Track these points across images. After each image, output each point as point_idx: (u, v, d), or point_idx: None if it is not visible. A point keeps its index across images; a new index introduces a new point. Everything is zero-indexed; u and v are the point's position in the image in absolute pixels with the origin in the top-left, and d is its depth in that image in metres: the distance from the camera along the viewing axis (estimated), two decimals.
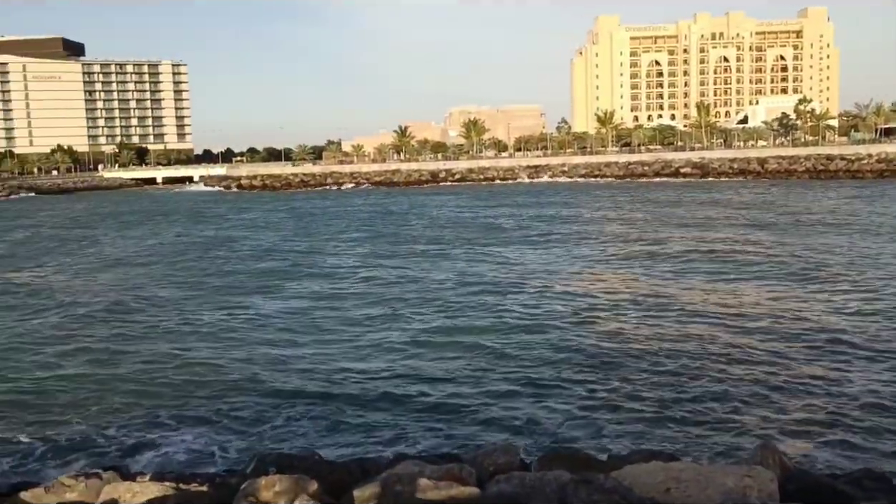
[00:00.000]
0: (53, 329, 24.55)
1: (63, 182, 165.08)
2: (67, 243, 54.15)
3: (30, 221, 78.15)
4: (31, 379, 18.64)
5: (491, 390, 16.61)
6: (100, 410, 16.08)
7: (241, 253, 44.91)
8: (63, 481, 7.85)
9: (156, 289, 32.41)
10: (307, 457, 9.38)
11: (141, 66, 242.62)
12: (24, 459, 13.40)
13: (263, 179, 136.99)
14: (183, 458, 13.14)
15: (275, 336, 22.83)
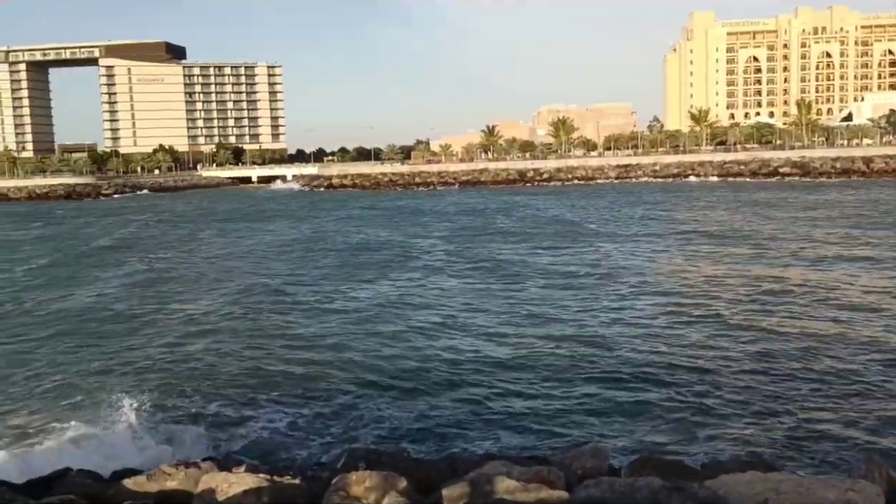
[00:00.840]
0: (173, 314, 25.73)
1: (164, 181, 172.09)
2: (185, 238, 56.53)
3: (139, 217, 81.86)
4: (141, 363, 19.46)
5: (578, 389, 16.40)
6: (201, 397, 16.66)
7: (339, 247, 45.84)
8: (164, 469, 8.15)
9: (269, 279, 33.45)
10: (396, 453, 9.47)
11: (238, 69, 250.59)
12: (128, 445, 13.96)
13: (353, 179, 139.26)
14: (276, 449, 13.46)
15: (368, 326, 23.27)
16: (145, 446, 13.88)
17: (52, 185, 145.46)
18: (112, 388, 17.49)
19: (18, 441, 14.02)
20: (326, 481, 7.98)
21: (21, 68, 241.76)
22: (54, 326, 25.10)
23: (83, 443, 13.96)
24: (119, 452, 13.62)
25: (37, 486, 9.49)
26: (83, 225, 74.81)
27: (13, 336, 23.90)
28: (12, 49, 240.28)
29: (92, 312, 27.48)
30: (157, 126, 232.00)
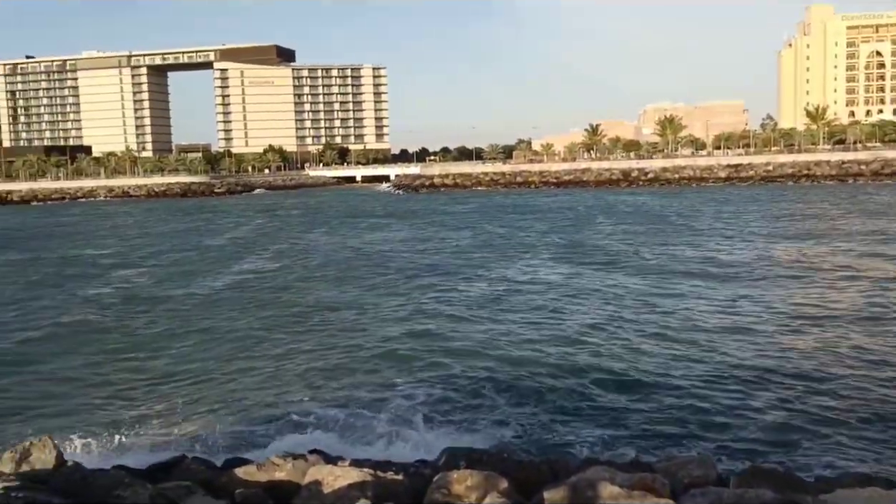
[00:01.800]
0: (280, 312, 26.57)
1: (273, 180, 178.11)
2: (301, 235, 58.41)
3: (285, 211, 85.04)
4: (250, 355, 20.21)
5: (682, 392, 15.96)
6: (305, 388, 17.14)
7: (443, 245, 46.25)
8: (273, 461, 8.42)
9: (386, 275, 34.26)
10: (496, 453, 9.47)
11: (344, 70, 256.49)
12: (239, 435, 14.50)
13: (454, 178, 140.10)
14: (378, 445, 13.68)
15: (469, 324, 23.40)
16: (255, 436, 14.37)
17: (170, 184, 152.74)
18: (222, 377, 18.22)
19: (142, 427, 14.77)
20: (428, 479, 8.08)
21: (142, 72, 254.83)
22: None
23: (198, 432, 14.59)
24: (229, 442, 14.18)
25: (155, 472, 9.98)
26: (231, 221, 78.31)
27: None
28: (134, 54, 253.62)
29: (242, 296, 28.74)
30: (268, 127, 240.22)
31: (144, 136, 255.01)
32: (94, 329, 24.84)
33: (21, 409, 16.33)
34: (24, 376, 19.18)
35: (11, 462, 9.04)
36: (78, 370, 19.70)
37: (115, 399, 16.96)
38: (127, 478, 8.66)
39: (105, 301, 30.54)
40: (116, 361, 20.47)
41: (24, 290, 34.48)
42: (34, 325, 25.68)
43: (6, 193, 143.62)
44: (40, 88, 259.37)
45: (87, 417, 15.59)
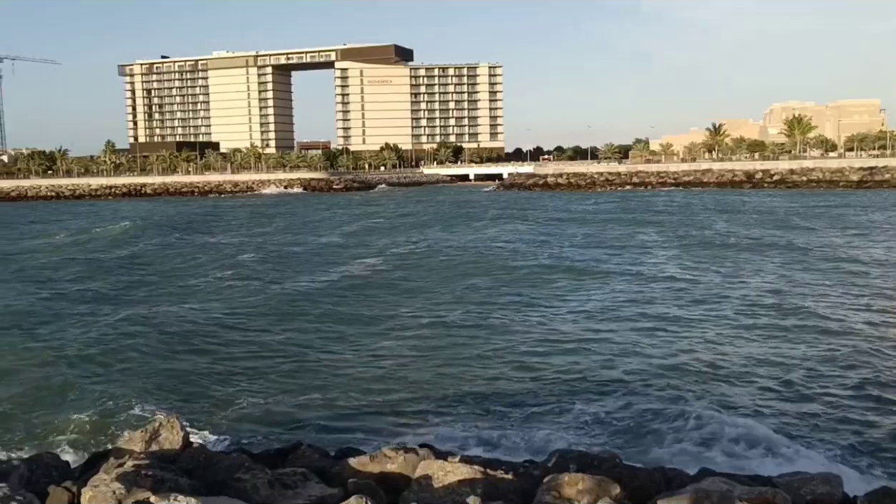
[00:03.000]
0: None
1: (389, 177, 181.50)
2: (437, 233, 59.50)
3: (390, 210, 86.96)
4: (375, 351, 20.67)
5: (807, 404, 15.21)
6: (416, 383, 17.37)
7: (564, 244, 45.92)
8: (385, 452, 8.56)
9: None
10: (608, 458, 9.30)
11: (461, 69, 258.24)
12: (353, 424, 14.85)
13: (568, 178, 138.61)
14: (487, 442, 13.71)
15: (583, 324, 23.16)
16: (368, 426, 14.67)
17: (291, 180, 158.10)
18: (343, 366, 18.71)
19: (260, 412, 15.35)
20: (538, 480, 8.02)
21: (267, 72, 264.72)
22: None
23: (313, 419, 15.04)
24: (343, 431, 14.54)
25: (273, 458, 10.35)
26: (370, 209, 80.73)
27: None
28: (260, 54, 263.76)
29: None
30: (385, 125, 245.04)
31: (268, 133, 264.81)
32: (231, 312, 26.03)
33: (153, 389, 17.26)
34: (160, 360, 20.29)
35: (142, 441, 9.57)
36: (210, 354, 20.67)
37: (236, 383, 17.68)
38: (247, 462, 9.02)
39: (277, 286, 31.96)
40: (247, 346, 21.36)
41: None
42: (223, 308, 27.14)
43: (141, 186, 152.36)
44: (174, 87, 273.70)
45: (210, 399, 16.32)
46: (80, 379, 18.34)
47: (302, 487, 7.93)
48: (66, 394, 17.15)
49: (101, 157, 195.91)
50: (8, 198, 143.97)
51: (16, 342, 22.42)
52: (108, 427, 14.50)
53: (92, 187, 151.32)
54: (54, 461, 9.66)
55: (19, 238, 61.82)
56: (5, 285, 34.73)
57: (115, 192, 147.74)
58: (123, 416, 15.11)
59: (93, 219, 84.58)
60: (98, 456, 10.03)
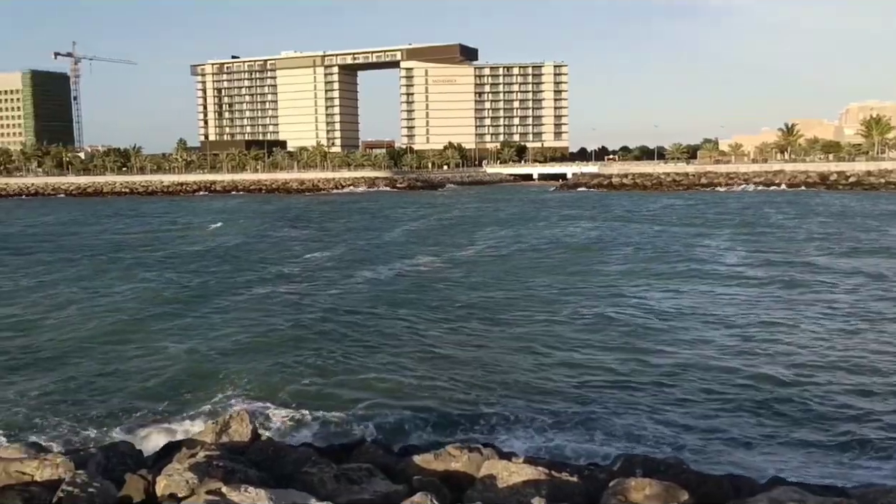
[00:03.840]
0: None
1: (452, 176, 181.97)
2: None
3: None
4: (429, 350, 20.78)
5: (885, 416, 14.67)
6: (477, 380, 17.36)
7: (642, 243, 45.39)
8: (450, 451, 8.60)
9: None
10: (675, 464, 9.15)
11: (525, 69, 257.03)
12: (415, 421, 14.92)
13: (634, 178, 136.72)
14: (550, 444, 13.61)
15: (658, 325, 22.87)
16: (430, 424, 14.73)
17: (355, 178, 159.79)
18: (407, 361, 18.83)
19: (324, 407, 15.55)
20: (603, 483, 7.95)
21: (334, 71, 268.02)
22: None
23: (376, 415, 15.17)
24: (405, 427, 14.63)
25: (337, 452, 10.49)
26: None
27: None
28: (327, 54, 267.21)
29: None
30: (448, 125, 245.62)
31: (334, 132, 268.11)
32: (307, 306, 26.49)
33: (222, 381, 17.67)
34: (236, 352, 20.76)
35: (212, 433, 9.82)
36: (284, 346, 21.08)
37: (303, 376, 17.96)
38: (314, 455, 9.17)
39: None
40: (316, 341, 21.69)
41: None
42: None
43: (211, 183, 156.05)
44: (243, 86, 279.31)
45: (277, 393, 16.62)
46: (159, 367, 18.94)
47: (367, 483, 8.03)
48: (143, 382, 17.71)
49: (173, 155, 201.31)
50: (84, 193, 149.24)
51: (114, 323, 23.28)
52: (180, 418, 14.91)
53: (164, 184, 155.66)
54: (129, 450, 9.99)
55: (151, 229, 64.38)
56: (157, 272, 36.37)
57: (186, 189, 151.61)
58: (195, 407, 15.52)
59: (197, 214, 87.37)
60: (171, 446, 10.33)
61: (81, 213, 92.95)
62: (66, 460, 8.09)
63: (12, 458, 8.54)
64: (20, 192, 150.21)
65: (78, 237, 59.16)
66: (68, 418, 15.03)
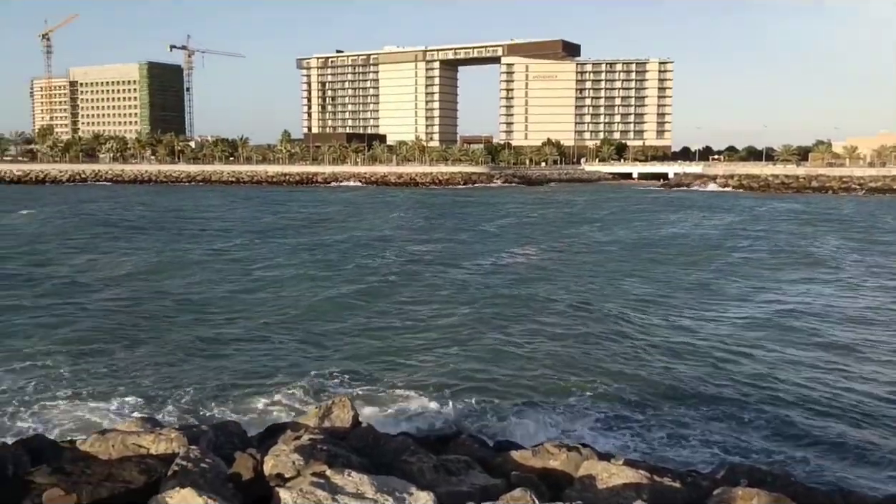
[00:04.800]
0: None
1: (549, 173, 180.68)
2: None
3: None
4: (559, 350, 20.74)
5: None
6: (572, 385, 17.20)
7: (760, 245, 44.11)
8: (548, 448, 8.57)
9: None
10: (781, 475, 8.86)
11: (629, 65, 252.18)
12: (508, 416, 14.92)
13: (740, 179, 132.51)
14: (651, 447, 13.38)
15: (767, 332, 22.23)
16: (524, 420, 14.71)
17: (452, 173, 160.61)
18: (507, 355, 18.86)
19: (420, 397, 15.75)
20: (706, 491, 7.76)
21: (435, 66, 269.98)
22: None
23: (469, 408, 15.25)
24: (498, 422, 14.65)
25: (434, 443, 10.61)
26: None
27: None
28: (429, 49, 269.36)
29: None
30: (547, 121, 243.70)
31: (433, 126, 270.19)
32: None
33: (328, 367, 18.13)
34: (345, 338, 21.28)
35: (315, 417, 10.09)
36: (383, 333, 21.47)
37: (400, 366, 18.24)
38: (413, 445, 9.29)
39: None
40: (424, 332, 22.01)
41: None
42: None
43: (313, 175, 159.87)
44: (346, 80, 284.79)
45: (377, 381, 16.93)
46: (266, 349, 19.61)
47: (465, 475, 8.08)
48: (248, 365, 18.36)
49: (277, 146, 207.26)
50: (194, 180, 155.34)
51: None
52: (283, 400, 15.41)
53: (269, 174, 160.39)
54: (236, 429, 10.38)
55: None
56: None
57: (289, 180, 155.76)
58: (298, 390, 16.00)
59: (327, 203, 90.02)
60: (274, 428, 10.67)
61: (217, 200, 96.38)
62: (179, 435, 8.47)
63: (130, 431, 9.00)
64: (135, 178, 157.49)
65: (237, 221, 62.44)
66: (182, 395, 15.76)
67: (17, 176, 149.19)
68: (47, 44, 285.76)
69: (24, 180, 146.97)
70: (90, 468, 7.62)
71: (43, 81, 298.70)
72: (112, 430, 9.07)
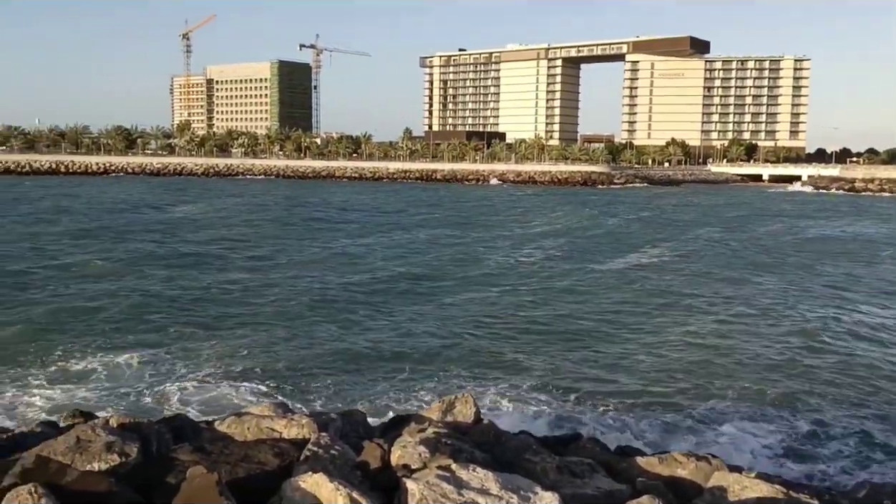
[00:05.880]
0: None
1: (672, 174, 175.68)
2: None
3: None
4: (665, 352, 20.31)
5: None
6: (700, 393, 16.69)
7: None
8: (676, 457, 8.34)
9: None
10: None
11: (762, 63, 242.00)
12: (630, 421, 14.63)
13: (881, 184, 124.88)
14: (782, 462, 12.83)
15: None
16: (646, 426, 14.41)
17: (572, 172, 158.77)
18: (630, 358, 18.54)
19: (539, 396, 15.68)
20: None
21: (557, 64, 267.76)
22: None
23: (589, 410, 15.06)
24: (620, 426, 14.40)
25: (554, 444, 10.52)
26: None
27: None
28: (551, 47, 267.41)
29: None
30: (672, 120, 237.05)
31: (553, 125, 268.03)
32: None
33: (462, 364, 18.35)
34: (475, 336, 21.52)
35: (439, 412, 10.21)
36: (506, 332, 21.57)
37: (521, 366, 18.22)
38: (535, 444, 9.25)
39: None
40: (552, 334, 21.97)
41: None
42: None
43: (432, 172, 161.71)
44: (467, 78, 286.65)
45: (497, 379, 16.98)
46: (393, 340, 20.07)
47: (589, 478, 7.98)
48: (370, 356, 18.83)
49: (398, 143, 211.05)
50: (319, 176, 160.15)
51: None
52: (406, 392, 15.70)
53: (389, 171, 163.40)
54: (361, 418, 10.65)
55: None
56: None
57: (410, 177, 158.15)
58: (421, 384, 16.27)
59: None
60: (398, 419, 10.87)
61: (368, 196, 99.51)
62: (310, 421, 8.75)
63: (263, 415, 9.38)
64: (264, 172, 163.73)
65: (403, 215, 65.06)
66: (310, 380, 16.35)
67: (156, 168, 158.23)
68: (187, 43, 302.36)
69: (163, 172, 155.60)
70: (228, 448, 7.99)
71: (182, 79, 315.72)
72: (247, 413, 9.49)
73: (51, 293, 25.75)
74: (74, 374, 16.52)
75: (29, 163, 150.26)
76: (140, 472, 7.24)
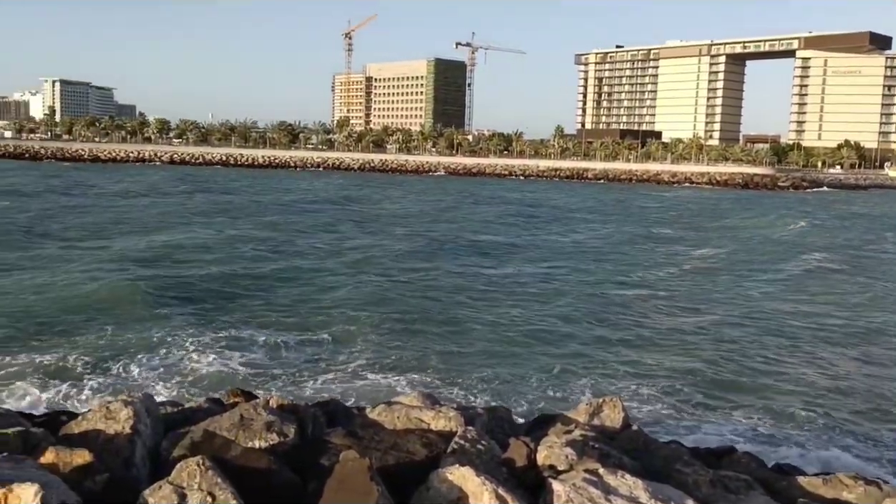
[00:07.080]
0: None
1: (844, 178, 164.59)
2: None
3: None
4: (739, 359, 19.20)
5: None
6: (867, 415, 15.59)
7: None
8: (841, 479, 7.82)
9: None
10: None
11: None
12: (779, 436, 13.86)
13: None
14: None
15: None
16: (797, 443, 13.63)
17: (731, 174, 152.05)
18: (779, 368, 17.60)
19: (691, 404, 15.13)
20: None
21: (720, 61, 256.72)
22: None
23: (740, 423, 14.38)
24: (770, 440, 13.66)
25: (705, 456, 10.10)
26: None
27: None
28: (714, 43, 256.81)
29: None
30: (846, 120, 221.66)
31: (713, 124, 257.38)
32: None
33: (602, 366, 18.10)
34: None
35: (586, 414, 10.04)
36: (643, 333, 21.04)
37: (671, 373, 17.65)
38: (686, 455, 8.93)
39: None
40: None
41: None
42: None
43: (583, 171, 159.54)
44: (623, 76, 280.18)
45: (677, 388, 16.51)
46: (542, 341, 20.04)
47: (745, 495, 7.61)
48: (525, 350, 18.84)
49: (550, 141, 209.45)
50: (469, 173, 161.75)
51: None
52: (553, 393, 15.58)
53: (539, 168, 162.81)
54: (506, 415, 10.67)
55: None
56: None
57: (560, 175, 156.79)
58: (568, 386, 16.11)
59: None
60: (543, 419, 10.80)
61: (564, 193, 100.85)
62: (457, 415, 8.84)
63: (412, 405, 9.57)
64: (416, 168, 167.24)
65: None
66: (457, 374, 16.57)
67: (316, 162, 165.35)
68: (349, 42, 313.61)
69: (323, 166, 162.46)
70: (378, 435, 8.21)
71: (343, 77, 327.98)
72: (396, 402, 9.71)
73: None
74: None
75: (202, 154, 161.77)
76: (296, 453, 7.58)
